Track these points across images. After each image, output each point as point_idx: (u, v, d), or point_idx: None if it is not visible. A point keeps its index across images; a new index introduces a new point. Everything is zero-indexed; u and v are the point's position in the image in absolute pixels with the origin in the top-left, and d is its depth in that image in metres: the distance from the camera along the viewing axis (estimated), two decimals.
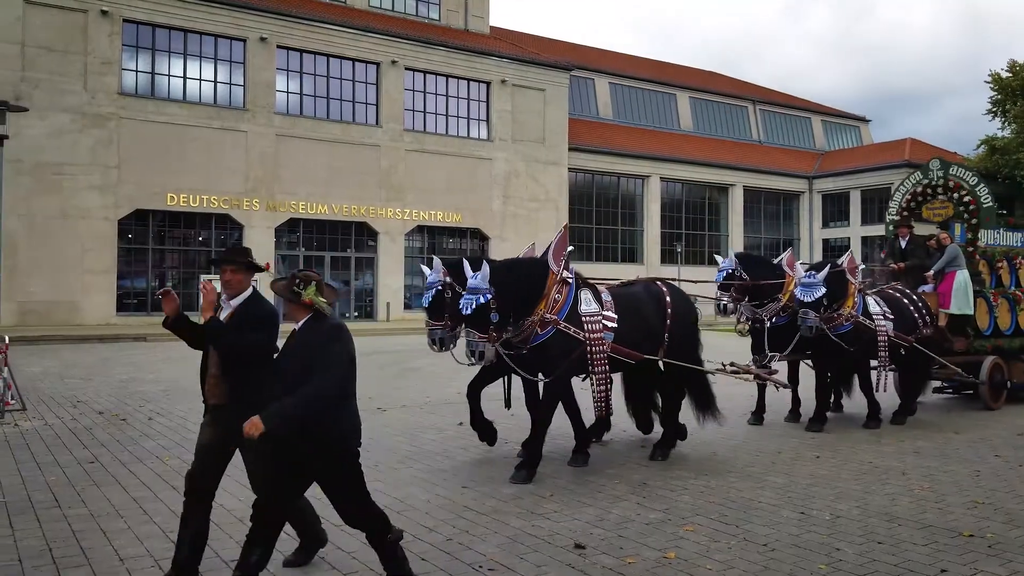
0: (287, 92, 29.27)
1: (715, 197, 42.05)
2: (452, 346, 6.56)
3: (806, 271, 8.88)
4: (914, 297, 9.99)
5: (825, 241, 44.57)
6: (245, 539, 3.97)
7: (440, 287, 6.40)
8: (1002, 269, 11.30)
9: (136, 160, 25.86)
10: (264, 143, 28.27)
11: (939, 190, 11.50)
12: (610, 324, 6.89)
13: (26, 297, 23.97)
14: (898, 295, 9.88)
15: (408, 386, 12.60)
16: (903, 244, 11.14)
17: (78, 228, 24.84)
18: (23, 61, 24.27)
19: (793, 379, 9.77)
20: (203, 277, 24.55)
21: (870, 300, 9.31)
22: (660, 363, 7.49)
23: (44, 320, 23.92)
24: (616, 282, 7.83)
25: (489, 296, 6.24)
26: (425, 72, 31.95)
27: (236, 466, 4.57)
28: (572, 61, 37.75)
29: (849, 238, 42.95)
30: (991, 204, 11.26)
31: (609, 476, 6.70)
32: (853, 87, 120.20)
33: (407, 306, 30.61)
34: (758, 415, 9.49)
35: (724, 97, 47.46)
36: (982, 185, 11.27)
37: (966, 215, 11.24)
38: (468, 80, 33.06)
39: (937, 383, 11.56)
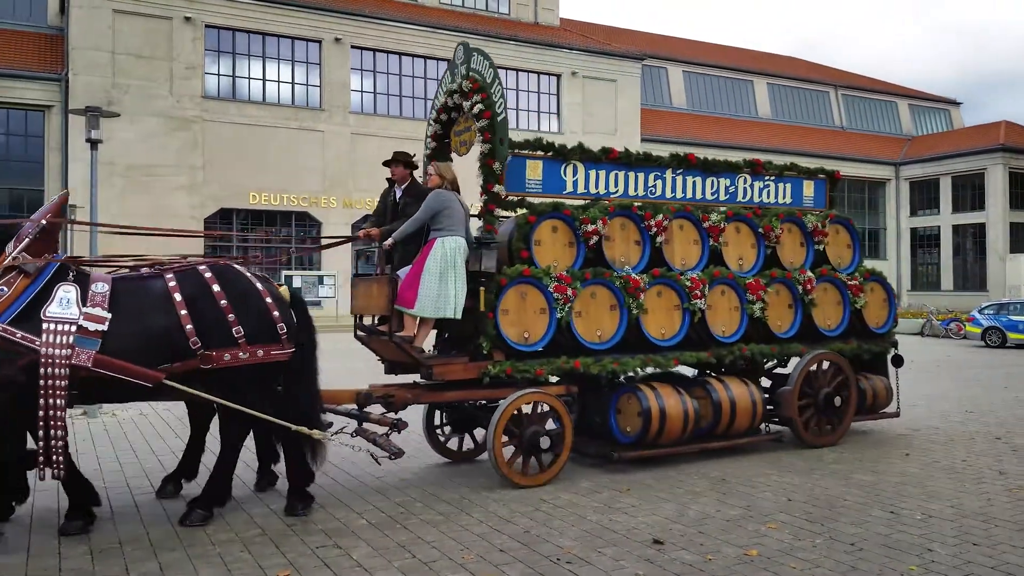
0: (361, 91, 29.79)
1: None
2: None
3: None
4: (213, 289, 5.07)
5: (913, 230, 42.86)
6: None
7: None
8: (609, 240, 6.85)
9: (220, 161, 26.81)
10: (340, 142, 28.87)
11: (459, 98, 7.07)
12: None
13: None
14: (172, 284, 5.03)
15: None
16: (398, 195, 6.83)
17: (167, 227, 25.81)
18: (114, 68, 25.44)
19: (195, 436, 5.96)
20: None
21: (65, 291, 4.79)
22: None
23: None
24: None
25: None
26: (495, 67, 31.98)
27: None
28: (644, 50, 37.24)
29: (939, 227, 41.32)
30: (504, 117, 6.57)
31: (687, 472, 6.61)
32: (946, 70, 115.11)
33: None
34: (176, 479, 5.89)
35: (804, 82, 46.00)
36: (497, 85, 6.66)
37: (479, 137, 6.67)
38: (538, 73, 32.98)
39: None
